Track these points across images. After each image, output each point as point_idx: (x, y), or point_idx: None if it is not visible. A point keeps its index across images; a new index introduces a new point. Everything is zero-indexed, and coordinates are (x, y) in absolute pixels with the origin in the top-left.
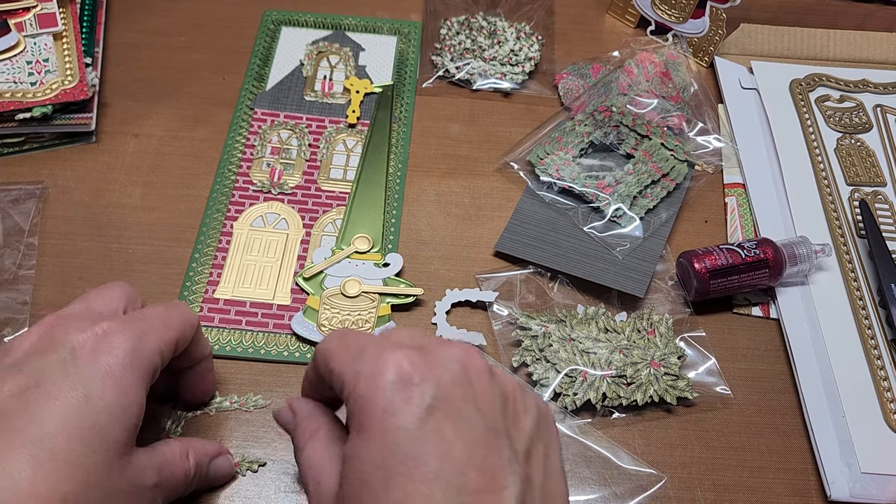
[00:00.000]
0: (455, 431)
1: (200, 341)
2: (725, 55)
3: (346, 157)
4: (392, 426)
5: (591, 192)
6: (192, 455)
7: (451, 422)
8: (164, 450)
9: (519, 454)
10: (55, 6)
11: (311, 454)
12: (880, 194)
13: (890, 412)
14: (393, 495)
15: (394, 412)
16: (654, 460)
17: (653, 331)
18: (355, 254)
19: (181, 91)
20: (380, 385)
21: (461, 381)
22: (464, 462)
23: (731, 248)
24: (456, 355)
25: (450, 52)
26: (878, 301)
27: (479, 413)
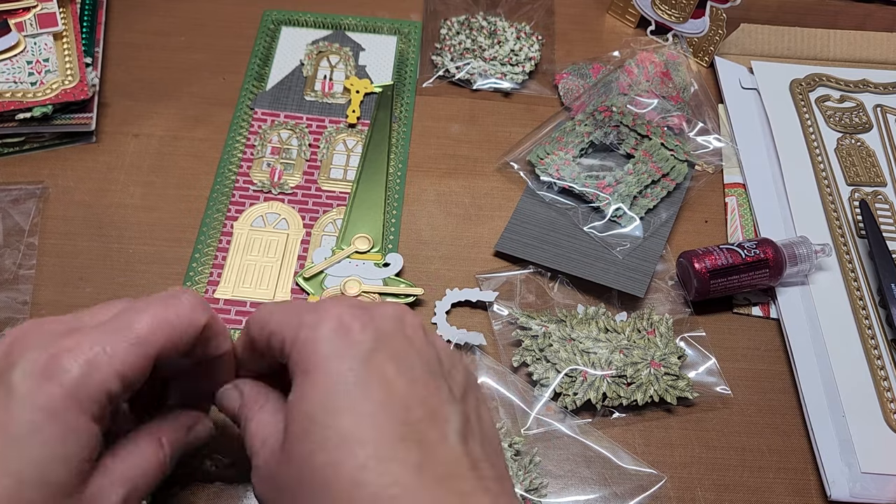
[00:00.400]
0: (397, 371)
1: (212, 340)
2: (725, 55)
3: (346, 157)
4: (336, 368)
5: (591, 192)
6: (165, 441)
7: (392, 363)
8: (130, 453)
9: (456, 396)
10: (55, 6)
11: (259, 421)
12: (880, 194)
13: (890, 412)
14: (340, 424)
15: (338, 356)
16: (654, 460)
17: (653, 331)
18: (355, 254)
19: (181, 91)
20: (323, 333)
21: (399, 332)
22: (407, 396)
23: (731, 248)
24: (393, 311)
25: (450, 51)
26: (878, 301)
27: (418, 358)
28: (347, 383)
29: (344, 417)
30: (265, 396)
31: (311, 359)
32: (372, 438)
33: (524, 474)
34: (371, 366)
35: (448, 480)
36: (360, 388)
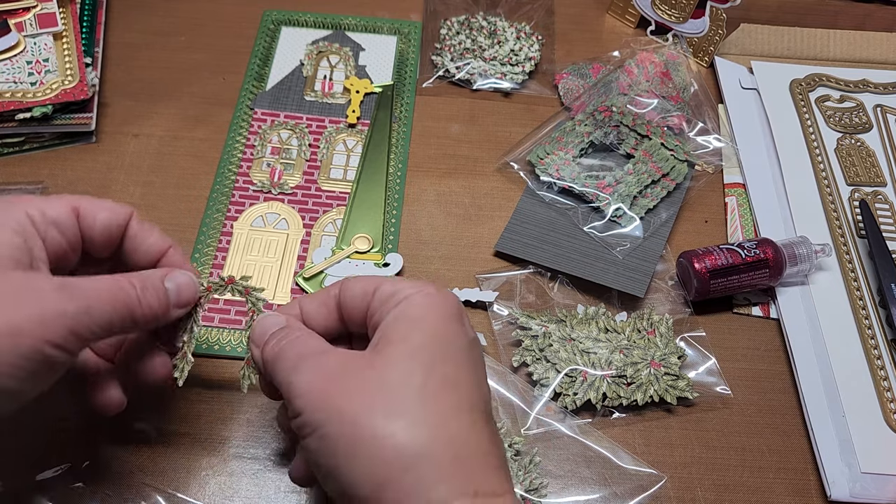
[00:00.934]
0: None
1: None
2: (725, 55)
3: (346, 157)
4: (450, 338)
5: (591, 192)
6: (129, 278)
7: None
8: (87, 285)
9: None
10: (55, 6)
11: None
12: (880, 194)
13: (890, 412)
14: (437, 373)
15: (448, 325)
16: (654, 460)
17: (653, 331)
18: (355, 254)
19: (181, 91)
20: (442, 306)
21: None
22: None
23: (731, 248)
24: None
25: (450, 52)
26: (878, 301)
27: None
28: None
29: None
30: (305, 329)
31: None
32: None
33: (524, 474)
34: (471, 353)
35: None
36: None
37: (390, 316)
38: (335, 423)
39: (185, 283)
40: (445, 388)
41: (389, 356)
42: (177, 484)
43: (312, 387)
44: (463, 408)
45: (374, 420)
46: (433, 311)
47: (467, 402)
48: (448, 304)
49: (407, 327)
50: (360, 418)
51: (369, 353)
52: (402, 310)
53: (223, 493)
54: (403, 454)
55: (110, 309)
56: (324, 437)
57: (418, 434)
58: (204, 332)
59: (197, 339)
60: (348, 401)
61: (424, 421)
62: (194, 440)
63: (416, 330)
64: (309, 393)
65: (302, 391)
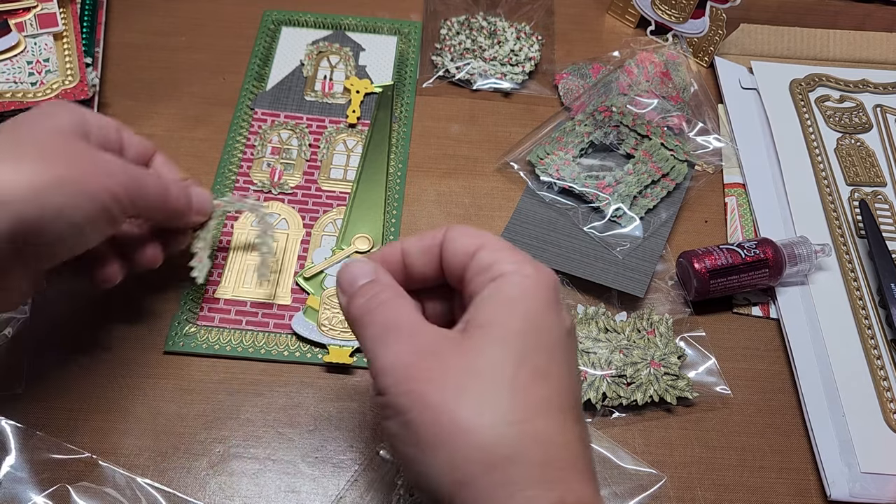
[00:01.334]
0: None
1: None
2: (725, 55)
3: (346, 157)
4: (545, 326)
5: (591, 192)
6: (169, 182)
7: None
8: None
9: None
10: (55, 6)
11: (406, 304)
12: (880, 194)
13: (890, 412)
14: (528, 364)
15: (556, 312)
16: (654, 460)
17: (653, 331)
18: (355, 254)
19: (181, 91)
20: (539, 289)
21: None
22: (578, 383)
23: (731, 248)
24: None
25: (450, 52)
26: (878, 301)
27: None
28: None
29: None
30: (396, 288)
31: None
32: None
33: None
34: (567, 342)
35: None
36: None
37: (485, 292)
38: (418, 409)
39: (204, 197)
40: (536, 380)
41: (480, 342)
42: (177, 484)
43: (398, 367)
44: (553, 404)
45: (459, 412)
46: (530, 294)
47: (558, 399)
48: (546, 288)
49: (500, 311)
50: (444, 408)
51: (460, 335)
52: (498, 288)
53: (223, 493)
54: (490, 452)
55: (154, 190)
56: (406, 424)
57: (506, 432)
58: (203, 331)
59: (213, 248)
60: (434, 388)
61: (513, 417)
62: (194, 440)
63: (509, 315)
64: (394, 372)
65: (387, 368)
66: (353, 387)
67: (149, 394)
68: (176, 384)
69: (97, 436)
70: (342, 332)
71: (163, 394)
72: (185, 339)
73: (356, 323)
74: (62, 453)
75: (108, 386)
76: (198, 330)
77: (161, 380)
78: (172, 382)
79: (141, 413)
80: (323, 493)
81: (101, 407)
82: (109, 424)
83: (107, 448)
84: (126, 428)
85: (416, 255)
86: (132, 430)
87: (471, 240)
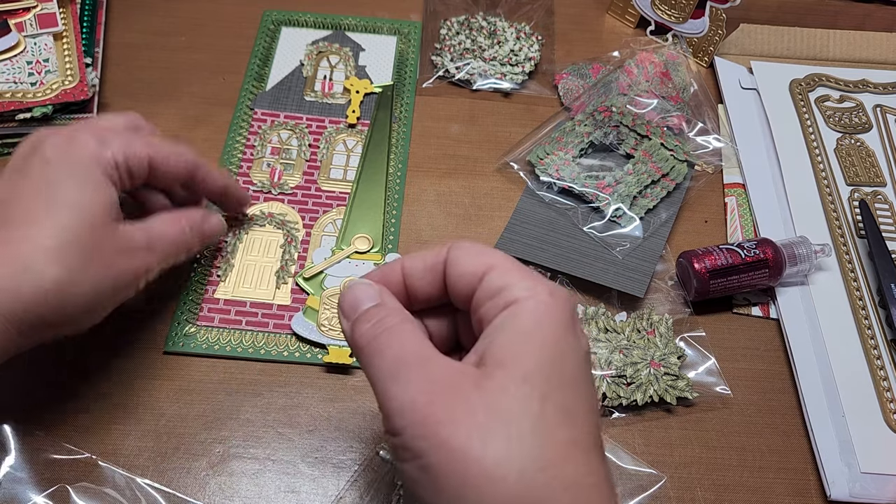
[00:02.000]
0: (592, 387)
1: (207, 179)
2: (725, 55)
3: (346, 158)
4: (566, 357)
5: (591, 192)
6: (184, 220)
7: (590, 377)
8: (154, 219)
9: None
10: (55, 6)
11: (415, 332)
12: (880, 194)
13: (890, 412)
14: (553, 401)
15: (575, 335)
16: (654, 460)
17: (653, 331)
18: (355, 254)
19: (181, 91)
20: (564, 307)
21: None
22: (593, 409)
23: (731, 248)
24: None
25: (450, 52)
26: (878, 301)
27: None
28: (564, 371)
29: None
30: (409, 316)
31: (542, 322)
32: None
33: None
34: (584, 368)
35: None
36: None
37: (498, 320)
38: (440, 454)
39: (216, 226)
40: (562, 421)
41: (501, 381)
42: (176, 484)
43: (416, 406)
44: (580, 445)
45: (486, 459)
46: (547, 323)
47: (584, 439)
48: (563, 311)
49: (518, 344)
50: (470, 455)
51: (477, 370)
52: (513, 317)
53: (223, 493)
54: (520, 501)
55: (175, 242)
56: (426, 469)
57: (536, 480)
58: (203, 331)
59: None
60: (456, 430)
61: (543, 463)
62: (194, 440)
63: (529, 348)
64: (412, 412)
65: (402, 408)
66: (352, 387)
67: (149, 394)
68: (176, 384)
69: (97, 436)
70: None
71: (163, 394)
72: (185, 339)
73: (361, 352)
74: (62, 453)
75: (108, 386)
76: (198, 330)
77: (161, 380)
78: (172, 383)
79: (141, 413)
80: (323, 493)
81: (100, 407)
82: (109, 425)
83: (107, 448)
84: (126, 428)
85: (418, 275)
86: (132, 431)
87: (478, 259)
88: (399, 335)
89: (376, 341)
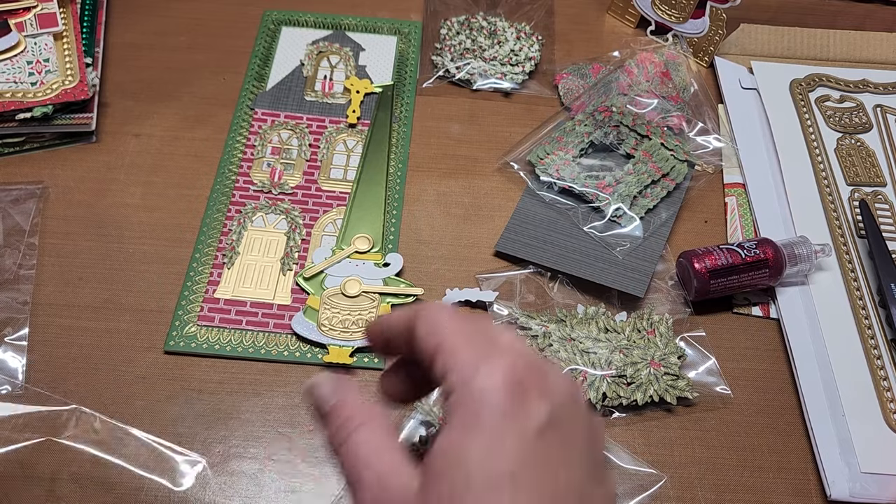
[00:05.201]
0: (562, 460)
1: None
2: (725, 55)
3: (346, 157)
4: (508, 431)
5: (591, 192)
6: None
7: (560, 449)
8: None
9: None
10: (55, 6)
11: (370, 440)
12: (880, 194)
13: (890, 412)
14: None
15: (514, 417)
16: (654, 460)
17: (653, 331)
18: (355, 254)
19: (181, 91)
20: (501, 386)
21: (572, 414)
22: (563, 491)
23: (731, 248)
24: (568, 385)
25: (450, 52)
26: (878, 301)
27: (584, 452)
28: (515, 453)
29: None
30: (370, 412)
31: (482, 412)
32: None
33: None
34: (540, 444)
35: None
36: (524, 466)
37: (445, 414)
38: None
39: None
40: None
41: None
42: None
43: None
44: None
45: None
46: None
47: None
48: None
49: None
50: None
51: (419, 493)
52: (450, 414)
53: (223, 494)
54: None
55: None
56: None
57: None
58: (203, 331)
59: None
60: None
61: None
62: (194, 440)
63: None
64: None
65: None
66: None
67: (149, 394)
68: (176, 384)
69: None
70: (342, 332)
71: (163, 394)
72: (185, 339)
73: (333, 455)
74: (49, 405)
75: (108, 386)
76: (198, 330)
77: (161, 380)
78: (172, 383)
79: (141, 413)
80: (323, 493)
81: (101, 407)
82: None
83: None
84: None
85: (394, 337)
86: None
87: (429, 339)
88: (360, 444)
89: (341, 448)
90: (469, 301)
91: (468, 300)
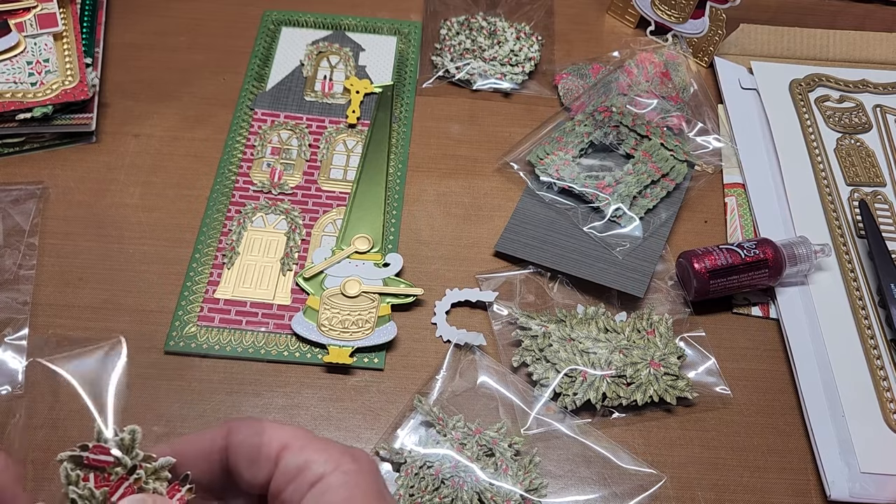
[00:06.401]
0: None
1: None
2: (725, 55)
3: (346, 158)
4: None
5: (590, 192)
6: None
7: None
8: None
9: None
10: (55, 6)
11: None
12: (880, 194)
13: (889, 412)
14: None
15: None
16: (654, 460)
17: (653, 331)
18: (355, 254)
19: (181, 91)
20: (364, 484)
21: None
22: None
23: (731, 248)
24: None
25: (450, 52)
26: (877, 301)
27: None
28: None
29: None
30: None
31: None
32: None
33: (524, 474)
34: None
35: None
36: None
37: (305, 502)
38: None
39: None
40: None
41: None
42: None
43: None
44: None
45: None
46: (358, 494)
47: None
48: (370, 480)
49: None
50: None
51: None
52: (321, 495)
53: None
54: None
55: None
56: None
57: None
58: (203, 331)
59: None
60: None
61: None
62: None
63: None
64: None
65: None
66: (352, 387)
67: (149, 394)
68: (176, 384)
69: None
70: (342, 332)
71: (163, 394)
72: (186, 339)
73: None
74: None
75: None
76: (198, 330)
77: (161, 380)
78: (172, 383)
79: (141, 413)
80: None
81: None
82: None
83: None
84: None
85: (191, 462)
86: None
87: (268, 440)
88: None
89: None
90: (469, 301)
91: (468, 300)
